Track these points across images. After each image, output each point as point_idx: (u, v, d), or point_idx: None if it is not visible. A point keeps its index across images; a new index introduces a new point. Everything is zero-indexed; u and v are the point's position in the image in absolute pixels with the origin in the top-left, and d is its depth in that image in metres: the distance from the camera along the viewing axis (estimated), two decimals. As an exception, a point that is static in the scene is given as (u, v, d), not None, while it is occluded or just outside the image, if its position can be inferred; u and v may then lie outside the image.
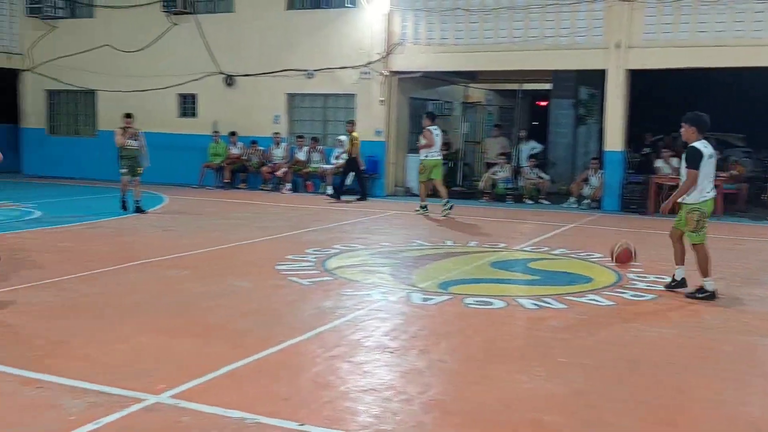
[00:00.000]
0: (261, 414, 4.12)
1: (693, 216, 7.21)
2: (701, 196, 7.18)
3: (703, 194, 7.18)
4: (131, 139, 12.78)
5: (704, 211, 7.21)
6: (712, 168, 7.25)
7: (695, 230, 7.22)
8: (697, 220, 7.17)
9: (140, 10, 19.11)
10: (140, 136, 13.00)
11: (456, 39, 16.50)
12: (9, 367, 4.75)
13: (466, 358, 5.34)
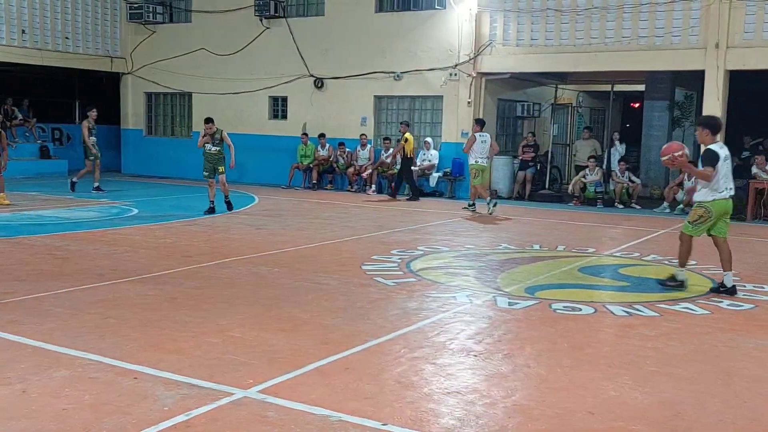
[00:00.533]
0: (344, 412, 4.17)
1: (698, 211, 7.50)
2: (712, 195, 7.40)
3: (715, 194, 7.39)
4: (209, 143, 12.95)
5: (711, 210, 7.44)
6: (728, 169, 7.47)
7: (693, 222, 7.51)
8: (700, 215, 7.46)
9: (235, 14, 19.69)
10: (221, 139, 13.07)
11: (546, 40, 16.26)
12: (107, 357, 4.99)
13: (552, 364, 5.26)
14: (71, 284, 7.17)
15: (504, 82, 17.71)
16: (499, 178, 18.03)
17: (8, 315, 5.98)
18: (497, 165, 18.05)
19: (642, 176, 17.54)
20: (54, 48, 20.09)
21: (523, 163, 17.73)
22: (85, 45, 20.90)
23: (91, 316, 6.08)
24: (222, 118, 20.00)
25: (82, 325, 5.81)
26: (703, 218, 7.46)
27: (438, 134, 18.00)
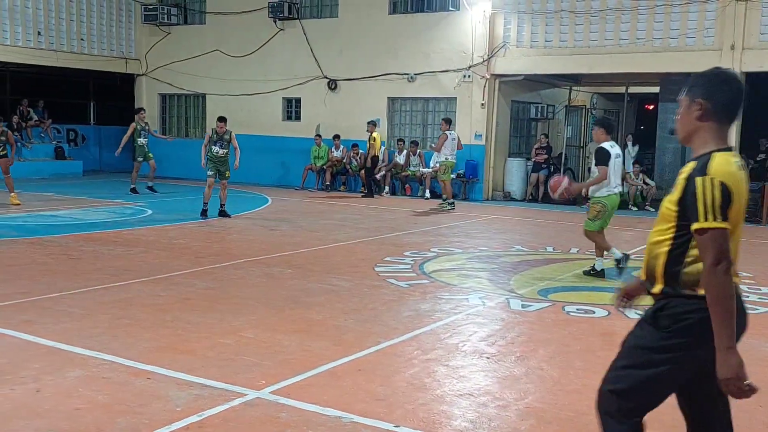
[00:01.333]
0: (357, 413, 4.17)
1: (596, 207, 8.16)
2: (607, 190, 8.09)
3: (609, 189, 8.09)
4: (217, 144, 12.77)
5: (606, 204, 8.13)
6: (618, 167, 8.20)
7: (593, 219, 8.17)
8: (598, 210, 8.13)
9: (249, 16, 19.75)
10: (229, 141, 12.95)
11: (560, 41, 16.20)
12: (121, 358, 5.00)
13: (565, 367, 5.23)
14: (85, 285, 7.21)
15: (518, 84, 17.67)
16: (512, 180, 17.99)
17: (23, 315, 6.02)
18: (510, 167, 18.02)
19: (656, 179, 17.43)
20: (69, 49, 20.24)
21: (536, 165, 17.67)
22: (100, 46, 21.04)
23: (104, 316, 6.11)
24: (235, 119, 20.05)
25: (96, 325, 5.84)
26: (601, 212, 8.15)
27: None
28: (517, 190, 17.94)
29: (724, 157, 2.68)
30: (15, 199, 13.36)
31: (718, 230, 2.58)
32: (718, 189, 2.59)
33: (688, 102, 2.82)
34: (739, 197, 2.64)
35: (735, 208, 2.63)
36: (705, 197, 2.59)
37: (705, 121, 2.76)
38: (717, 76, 2.80)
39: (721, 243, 2.59)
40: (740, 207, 2.67)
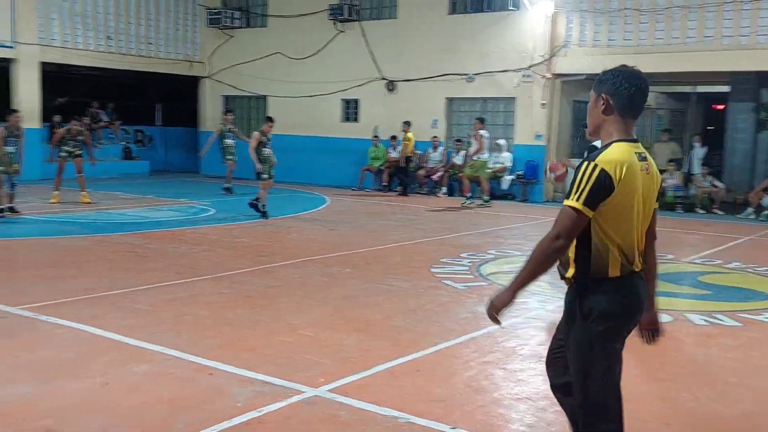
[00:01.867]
0: (414, 414, 4.18)
1: None
2: None
3: None
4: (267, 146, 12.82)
5: None
6: None
7: None
8: None
9: (309, 18, 19.97)
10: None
11: (624, 40, 15.91)
12: (184, 353, 5.13)
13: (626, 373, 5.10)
14: (151, 281, 7.41)
15: (580, 84, 17.38)
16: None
17: (91, 310, 6.23)
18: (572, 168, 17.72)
19: (726, 181, 16.93)
20: (137, 53, 20.82)
21: (599, 166, 17.33)
22: (166, 50, 21.59)
23: (168, 312, 6.27)
24: (295, 120, 20.35)
25: (161, 321, 6.00)
26: None
27: (510, 136, 17.81)
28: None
29: (620, 147, 2.87)
30: (86, 197, 13.82)
31: (573, 210, 2.77)
32: (595, 174, 2.76)
33: (595, 97, 3.00)
34: (625, 184, 2.79)
35: (620, 193, 2.78)
36: (580, 179, 2.78)
37: (609, 115, 2.95)
38: (621, 73, 2.96)
39: (568, 222, 2.79)
40: (630, 193, 2.82)
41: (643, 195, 2.91)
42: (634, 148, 2.91)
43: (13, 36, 17.61)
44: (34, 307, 6.20)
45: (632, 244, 2.91)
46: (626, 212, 2.85)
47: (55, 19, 18.88)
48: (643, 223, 2.97)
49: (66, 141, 13.79)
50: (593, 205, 2.77)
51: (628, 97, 2.94)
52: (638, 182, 2.86)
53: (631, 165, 2.83)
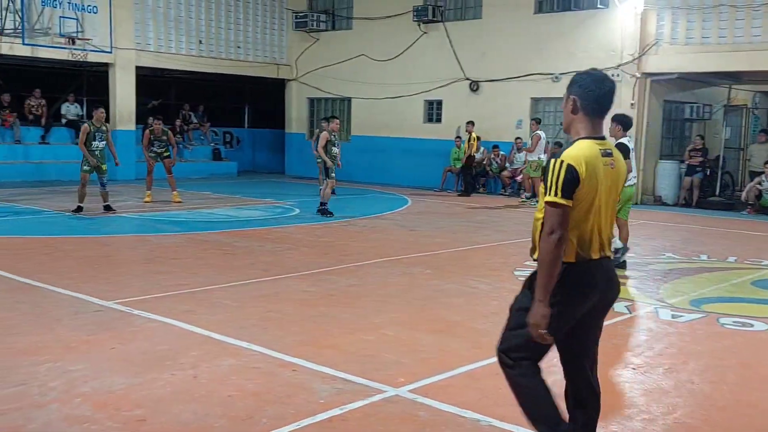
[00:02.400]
0: (495, 417, 4.15)
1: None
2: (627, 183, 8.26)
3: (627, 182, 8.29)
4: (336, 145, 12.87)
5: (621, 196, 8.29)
6: (633, 162, 8.72)
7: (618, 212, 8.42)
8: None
9: (394, 20, 20.08)
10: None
11: (719, 37, 15.31)
12: (269, 349, 5.25)
13: (718, 381, 4.95)
14: (238, 278, 7.62)
15: (671, 83, 16.85)
16: (663, 184, 17.20)
17: (183, 305, 6.46)
18: (662, 170, 17.22)
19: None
20: (227, 56, 21.44)
21: (690, 168, 16.77)
22: (254, 53, 22.13)
23: (255, 309, 6.43)
24: (379, 122, 20.51)
25: (247, 317, 6.16)
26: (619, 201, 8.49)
27: (598, 137, 17.39)
28: (669, 194, 17.11)
29: (585, 143, 3.16)
30: (177, 197, 14.30)
31: (556, 205, 3.04)
32: (564, 170, 3.04)
33: (566, 97, 3.32)
34: (590, 178, 3.06)
35: (586, 186, 3.06)
36: (552, 176, 3.06)
37: (577, 114, 3.25)
38: (590, 75, 3.26)
39: (555, 216, 3.04)
40: (593, 186, 3.09)
41: (607, 188, 3.17)
42: (599, 144, 3.18)
43: (111, 42, 18.42)
44: (128, 302, 6.47)
45: (591, 234, 3.16)
46: (587, 204, 3.11)
47: (150, 25, 19.65)
48: (607, 214, 3.23)
49: (153, 142, 14.24)
50: (569, 195, 3.04)
51: (595, 99, 3.22)
52: (601, 176, 3.13)
53: (593, 160, 3.11)
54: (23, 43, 16.90)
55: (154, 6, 19.66)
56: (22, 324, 5.77)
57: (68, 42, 17.46)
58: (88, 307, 6.31)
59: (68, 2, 17.54)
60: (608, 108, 3.28)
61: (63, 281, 7.20)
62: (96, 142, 12.10)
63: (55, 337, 5.45)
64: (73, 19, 17.50)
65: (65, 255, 8.76)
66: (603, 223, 3.20)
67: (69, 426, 3.89)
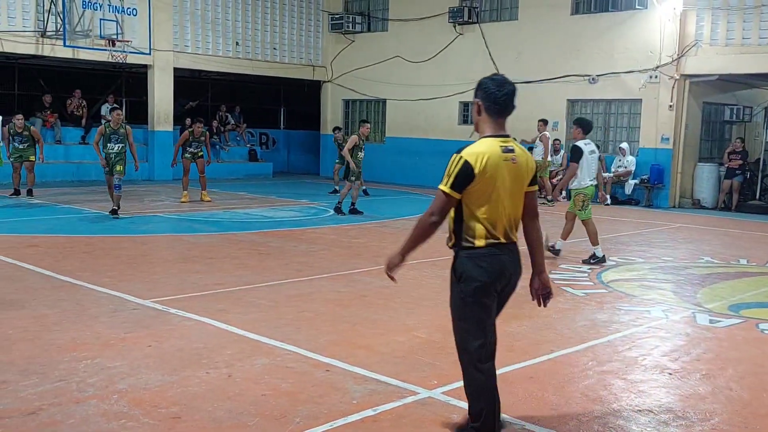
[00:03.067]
0: (528, 421, 4.13)
1: (579, 197, 9.08)
2: (584, 182, 8.97)
3: (585, 181, 8.97)
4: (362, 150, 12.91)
5: (587, 193, 9.05)
6: (594, 162, 9.14)
7: (582, 209, 9.10)
8: (582, 200, 9.04)
9: (429, 22, 20.07)
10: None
11: (760, 38, 15.03)
12: (302, 349, 5.29)
13: (757, 388, 4.86)
14: (272, 278, 7.68)
15: (710, 85, 16.58)
16: (702, 187, 16.93)
17: (218, 304, 6.53)
18: (701, 172, 16.95)
19: None
20: (263, 58, 21.63)
21: (730, 171, 16.47)
22: (290, 55, 22.29)
23: (288, 309, 6.48)
24: (413, 123, 20.49)
25: (281, 317, 6.21)
26: (585, 202, 9.07)
27: (635, 139, 17.20)
28: (708, 197, 16.83)
29: (487, 141, 3.56)
30: (206, 196, 14.51)
31: (443, 193, 3.48)
32: (459, 164, 3.45)
33: (473, 100, 3.69)
34: (485, 172, 3.45)
35: (481, 179, 3.45)
36: (449, 168, 3.48)
37: (481, 115, 3.64)
38: (492, 80, 3.64)
39: (439, 202, 3.51)
40: (491, 179, 3.47)
41: (507, 181, 3.53)
42: (501, 142, 3.57)
43: (150, 43, 18.71)
44: (165, 301, 6.57)
45: (496, 221, 3.55)
46: (488, 195, 3.50)
47: (188, 27, 19.91)
48: (512, 205, 3.60)
49: (190, 143, 14.44)
50: (459, 188, 3.46)
51: (495, 101, 3.60)
52: (500, 171, 3.50)
53: (492, 156, 3.48)
54: (64, 45, 17.26)
55: (192, 8, 19.92)
56: (62, 321, 5.89)
57: (108, 44, 17.77)
58: (125, 305, 6.42)
59: (108, 5, 17.87)
60: (508, 109, 3.63)
61: (102, 279, 7.34)
62: (111, 144, 11.83)
63: (94, 334, 5.55)
64: (113, 22, 17.83)
65: (104, 254, 8.91)
66: (505, 212, 3.56)
67: (106, 422, 3.96)
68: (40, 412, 4.06)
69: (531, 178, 3.66)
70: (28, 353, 5.06)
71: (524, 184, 3.64)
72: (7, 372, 4.66)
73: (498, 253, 3.58)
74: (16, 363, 4.84)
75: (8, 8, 16.70)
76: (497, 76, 3.68)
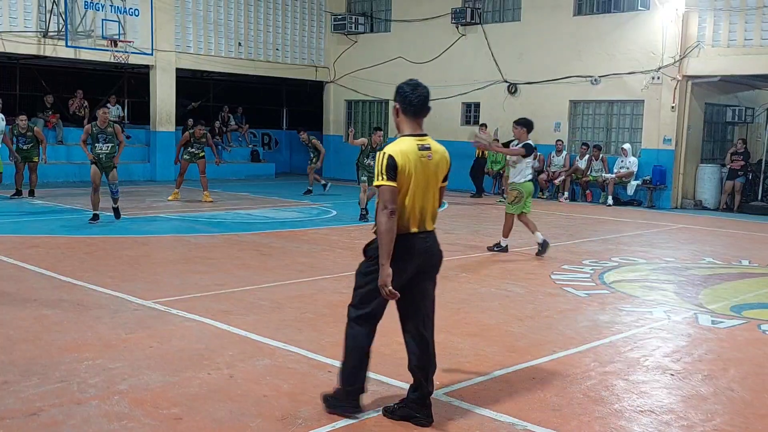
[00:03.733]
0: (530, 422, 4.13)
1: (513, 193, 9.52)
2: (522, 178, 9.45)
3: (523, 177, 9.45)
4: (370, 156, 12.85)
5: (522, 190, 9.47)
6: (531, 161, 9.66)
7: (512, 203, 9.54)
8: (515, 196, 9.46)
9: (432, 22, 20.07)
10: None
11: (762, 39, 15.03)
12: (304, 350, 5.29)
13: (759, 389, 4.85)
14: (274, 279, 7.68)
15: (712, 86, 16.56)
16: (704, 188, 16.91)
17: (220, 305, 6.53)
18: (703, 173, 16.94)
19: None
20: (266, 59, 21.64)
21: (732, 171, 16.46)
22: (293, 55, 22.30)
23: (290, 309, 6.48)
24: (416, 124, 20.40)
25: (283, 317, 6.21)
26: (518, 198, 9.41)
27: (637, 140, 17.19)
28: (710, 198, 16.81)
29: (405, 140, 4.00)
30: (207, 197, 14.53)
31: (384, 186, 3.84)
32: (385, 159, 3.86)
33: (393, 104, 4.10)
34: (404, 168, 3.87)
35: (404, 173, 3.87)
36: (378, 165, 3.87)
37: (399, 117, 4.08)
38: (408, 85, 4.04)
39: (385, 195, 3.83)
40: (408, 175, 3.88)
41: (423, 175, 3.94)
42: (418, 140, 4.00)
43: (152, 44, 18.72)
44: (166, 301, 6.57)
45: (410, 213, 3.92)
46: (405, 189, 3.89)
47: (191, 28, 19.92)
48: (427, 198, 3.98)
49: (192, 144, 14.47)
50: (393, 177, 3.84)
51: (411, 103, 4.01)
52: (415, 167, 3.90)
53: (409, 153, 3.91)
54: (66, 45, 17.27)
55: (194, 9, 19.93)
56: (63, 321, 5.89)
57: (110, 44, 17.78)
58: (127, 306, 6.42)
59: (110, 5, 17.88)
60: (423, 110, 4.06)
61: (103, 280, 7.34)
62: (100, 144, 11.11)
63: (95, 335, 5.55)
64: (115, 22, 17.83)
65: (106, 254, 8.92)
66: (418, 204, 3.94)
67: (108, 423, 3.96)
68: (41, 412, 4.06)
69: (445, 174, 4.11)
70: (29, 354, 5.06)
71: (439, 179, 4.06)
72: (8, 372, 4.66)
73: (410, 240, 3.93)
74: (18, 363, 4.84)
75: (10, 8, 16.71)
76: (413, 80, 4.07)
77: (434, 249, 4.06)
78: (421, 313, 4.12)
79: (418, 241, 3.96)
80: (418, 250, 3.96)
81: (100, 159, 11.18)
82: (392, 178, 3.84)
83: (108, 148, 11.18)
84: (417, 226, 3.96)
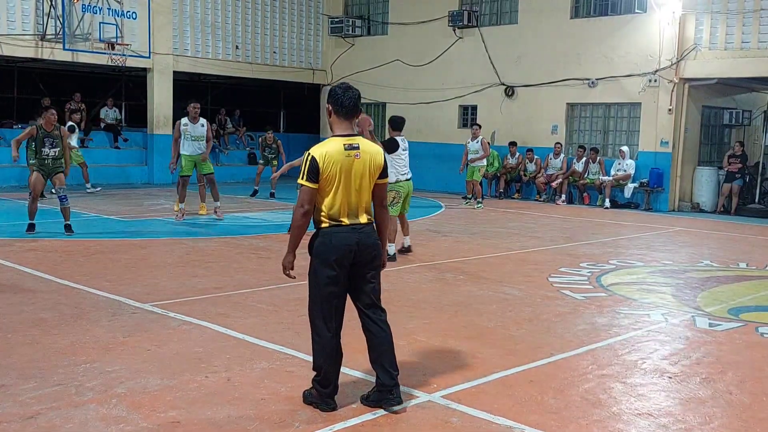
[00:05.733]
0: (528, 425, 4.13)
1: (391, 194, 8.84)
2: (396, 177, 8.97)
3: (398, 176, 9.03)
4: None
5: (399, 190, 9.11)
6: (407, 158, 9.28)
7: (390, 204, 8.87)
8: (393, 197, 8.98)
9: (429, 25, 20.10)
10: None
11: (759, 42, 15.06)
12: (302, 353, 5.26)
13: (757, 392, 4.86)
14: (272, 282, 7.68)
15: (709, 89, 16.60)
16: (701, 190, 16.93)
17: (218, 308, 6.53)
18: (700, 176, 16.96)
19: None
20: (263, 62, 21.64)
21: (730, 174, 16.49)
22: (290, 58, 22.31)
23: (288, 312, 6.47)
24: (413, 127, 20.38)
25: (281, 321, 6.21)
26: (396, 199, 9.05)
27: (634, 143, 17.22)
28: (707, 201, 16.84)
29: (332, 141, 4.19)
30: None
31: (304, 187, 4.12)
32: (309, 160, 4.11)
33: (326, 105, 4.34)
34: (328, 167, 4.09)
35: (327, 173, 4.09)
36: (302, 165, 4.13)
37: (331, 117, 4.29)
38: (339, 87, 4.26)
39: (303, 194, 4.13)
40: (334, 172, 4.10)
41: (353, 174, 4.16)
42: (347, 140, 4.17)
43: (150, 47, 18.72)
44: (164, 304, 6.56)
45: (339, 207, 4.17)
46: (333, 185, 4.12)
47: (188, 31, 19.93)
48: (361, 194, 4.21)
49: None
50: (313, 180, 4.09)
51: (342, 105, 4.21)
52: (341, 166, 4.11)
53: (335, 153, 4.11)
54: (64, 48, 17.26)
55: (191, 12, 19.94)
56: (61, 324, 5.88)
57: (108, 47, 17.76)
58: (125, 309, 6.41)
59: (108, 8, 17.87)
60: (353, 111, 4.24)
61: (101, 283, 7.33)
62: (46, 149, 10.24)
63: (93, 338, 5.55)
64: (112, 25, 17.82)
65: (103, 257, 8.91)
66: (347, 200, 4.16)
67: (105, 426, 3.95)
68: (38, 416, 4.06)
69: (380, 172, 4.28)
70: (27, 357, 5.05)
71: (372, 177, 4.25)
72: (6, 376, 4.65)
73: (339, 231, 4.18)
74: (15, 367, 4.84)
75: (8, 12, 16.70)
76: (344, 83, 4.31)
77: (368, 240, 4.26)
78: (364, 299, 4.42)
79: (350, 232, 4.20)
80: (349, 239, 4.19)
81: (46, 164, 10.33)
82: (312, 180, 4.09)
83: (55, 153, 10.34)
84: (348, 219, 4.21)
